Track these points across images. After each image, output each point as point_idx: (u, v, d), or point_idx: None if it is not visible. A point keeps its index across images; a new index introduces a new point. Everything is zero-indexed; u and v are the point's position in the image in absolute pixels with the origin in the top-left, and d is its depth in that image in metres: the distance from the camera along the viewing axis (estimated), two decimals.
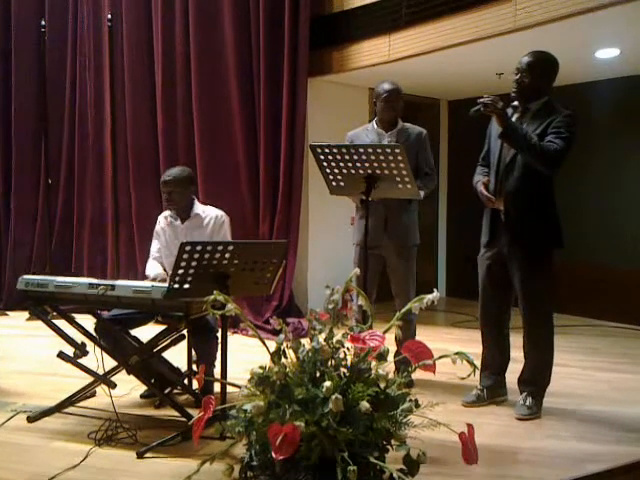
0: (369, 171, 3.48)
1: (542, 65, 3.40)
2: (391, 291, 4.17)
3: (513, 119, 3.39)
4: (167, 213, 3.91)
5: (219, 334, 3.31)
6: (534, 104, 3.42)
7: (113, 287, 3.13)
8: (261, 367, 2.61)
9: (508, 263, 3.50)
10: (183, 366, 3.76)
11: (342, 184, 3.66)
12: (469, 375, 2.53)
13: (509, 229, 3.44)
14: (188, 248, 2.93)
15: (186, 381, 3.66)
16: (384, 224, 4.01)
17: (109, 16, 6.13)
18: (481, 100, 3.26)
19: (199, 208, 3.85)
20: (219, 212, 3.86)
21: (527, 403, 3.48)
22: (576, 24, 4.30)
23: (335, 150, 3.51)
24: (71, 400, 3.49)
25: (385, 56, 5.42)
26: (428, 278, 7.18)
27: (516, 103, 3.42)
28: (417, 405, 2.55)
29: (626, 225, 6.02)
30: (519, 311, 3.53)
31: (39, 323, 3.42)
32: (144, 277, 3.87)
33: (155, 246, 3.95)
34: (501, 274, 3.54)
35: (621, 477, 2.85)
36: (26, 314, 5.76)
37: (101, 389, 3.57)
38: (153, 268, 3.83)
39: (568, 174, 4.79)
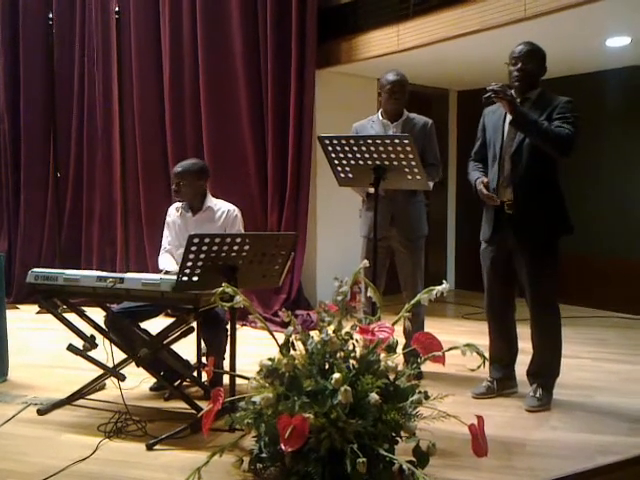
0: (377, 162, 3.46)
1: (538, 53, 3.41)
2: (399, 283, 4.15)
3: None
4: (178, 204, 3.91)
5: (228, 326, 3.32)
6: (532, 93, 3.41)
7: (122, 280, 3.14)
8: (270, 359, 2.61)
9: (514, 255, 3.48)
10: (192, 358, 3.77)
11: (350, 176, 3.64)
12: (479, 367, 2.53)
13: (516, 221, 3.41)
14: (196, 240, 2.93)
15: (195, 373, 3.67)
16: (390, 216, 3.99)
17: (117, 8, 6.13)
18: (490, 87, 3.24)
19: (211, 201, 3.84)
20: (231, 206, 3.85)
21: (537, 395, 3.46)
22: (586, 12, 4.25)
23: (343, 141, 3.49)
24: (81, 393, 3.50)
25: (394, 46, 5.38)
26: (438, 270, 7.17)
27: (512, 92, 3.38)
28: (426, 397, 2.55)
29: (637, 215, 5.97)
30: (526, 302, 3.51)
31: (49, 316, 3.43)
32: (154, 270, 3.88)
33: (166, 238, 3.95)
34: (505, 267, 3.53)
35: (631, 469, 2.83)
36: (36, 307, 5.76)
37: (111, 382, 3.59)
38: (167, 262, 3.84)
39: (578, 163, 4.77)
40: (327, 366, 2.55)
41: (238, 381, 3.13)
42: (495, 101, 3.29)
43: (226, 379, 3.46)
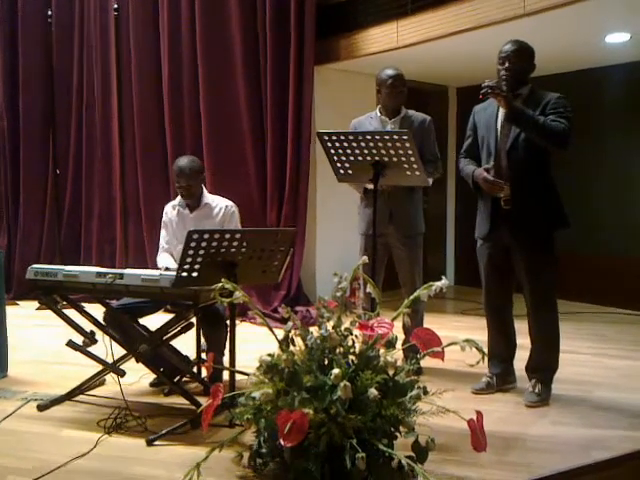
0: (377, 158, 3.46)
1: (527, 51, 3.41)
2: (398, 279, 4.16)
3: None
4: (175, 202, 3.91)
5: (228, 322, 3.32)
6: (523, 89, 3.42)
7: (121, 276, 3.14)
8: (269, 355, 2.61)
9: (511, 252, 3.48)
10: (192, 354, 3.77)
11: (350, 172, 3.64)
12: (478, 362, 2.54)
13: (514, 217, 3.40)
14: (195, 236, 2.93)
15: (195, 369, 3.67)
16: (389, 213, 3.98)
17: (115, 6, 6.12)
18: (485, 84, 3.25)
19: (208, 198, 3.85)
20: (228, 202, 3.86)
21: (536, 390, 3.47)
22: (586, 8, 4.26)
23: (342, 137, 3.49)
24: (81, 388, 3.50)
25: (393, 43, 5.39)
26: (437, 266, 7.17)
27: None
28: (425, 392, 2.56)
29: (637, 212, 5.97)
30: (524, 298, 3.52)
31: (49, 312, 3.43)
32: (153, 267, 3.88)
33: (164, 237, 3.95)
34: (503, 263, 3.53)
35: (631, 464, 2.83)
36: (36, 304, 5.78)
37: (110, 377, 3.59)
38: (165, 260, 3.83)
39: (577, 159, 4.76)
40: (326, 362, 2.55)
41: (238, 377, 3.13)
42: (490, 97, 3.29)
43: (226, 375, 3.47)
